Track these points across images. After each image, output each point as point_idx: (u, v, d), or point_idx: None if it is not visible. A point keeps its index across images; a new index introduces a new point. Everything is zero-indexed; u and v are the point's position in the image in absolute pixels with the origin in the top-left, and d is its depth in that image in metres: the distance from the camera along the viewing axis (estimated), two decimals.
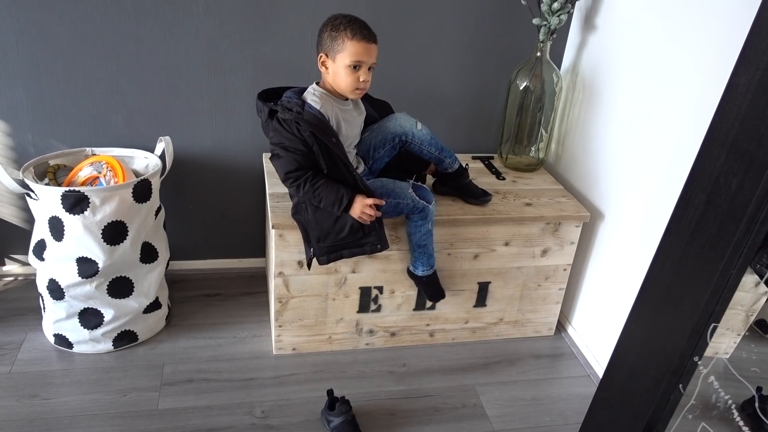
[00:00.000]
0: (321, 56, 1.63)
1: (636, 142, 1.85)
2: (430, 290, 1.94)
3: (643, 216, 1.83)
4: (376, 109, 1.86)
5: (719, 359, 1.34)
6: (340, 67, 1.60)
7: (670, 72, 1.70)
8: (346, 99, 1.71)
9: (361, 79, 1.62)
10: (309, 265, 1.82)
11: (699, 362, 1.26)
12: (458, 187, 1.95)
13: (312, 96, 1.65)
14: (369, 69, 1.63)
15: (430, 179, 2.02)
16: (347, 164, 1.64)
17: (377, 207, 1.67)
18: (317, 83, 1.70)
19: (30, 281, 2.23)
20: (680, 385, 1.29)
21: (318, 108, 1.62)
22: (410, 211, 1.76)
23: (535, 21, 2.02)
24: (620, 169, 1.93)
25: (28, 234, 2.00)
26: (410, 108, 1.92)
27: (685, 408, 1.35)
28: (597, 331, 2.08)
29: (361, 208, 1.66)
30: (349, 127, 1.73)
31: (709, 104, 1.53)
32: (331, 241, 1.71)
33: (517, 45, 2.20)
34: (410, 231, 1.82)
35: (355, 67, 1.60)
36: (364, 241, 1.73)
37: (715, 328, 1.21)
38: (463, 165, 1.94)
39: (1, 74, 1.92)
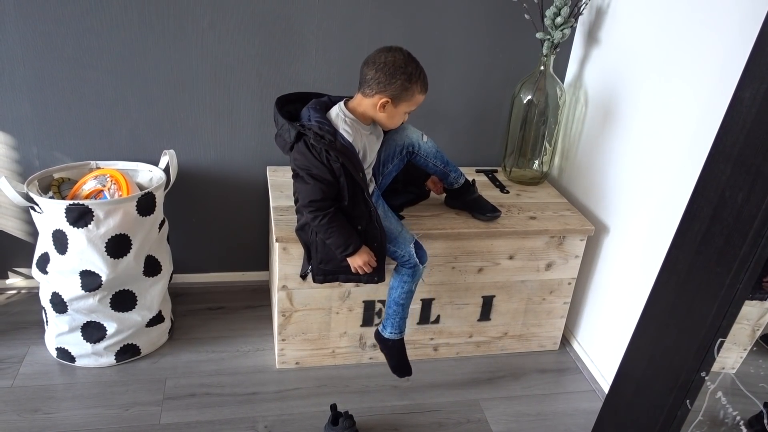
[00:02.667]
0: (383, 100, 1.57)
1: (641, 155, 1.85)
2: (395, 359, 1.85)
3: (648, 229, 1.82)
4: None
5: (726, 374, 1.33)
6: (400, 113, 1.63)
7: (675, 85, 1.70)
8: (368, 123, 1.67)
9: (405, 119, 1.69)
10: (304, 278, 1.84)
11: (706, 377, 1.25)
12: (466, 202, 1.94)
13: (344, 125, 1.60)
14: None
15: (433, 194, 2.02)
16: (367, 200, 1.63)
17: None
18: (345, 104, 1.64)
19: (33, 294, 2.23)
20: (687, 401, 1.28)
21: (350, 141, 1.59)
22: (401, 263, 1.75)
23: (539, 35, 2.03)
24: (625, 182, 1.93)
25: (32, 247, 2.00)
26: (415, 121, 1.93)
27: (693, 424, 1.34)
28: (602, 346, 2.07)
29: (363, 261, 1.67)
30: (371, 152, 1.72)
31: (714, 117, 1.53)
32: (332, 266, 1.71)
33: (520, 59, 2.21)
34: (393, 284, 1.79)
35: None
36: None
37: (722, 342, 1.20)
38: (470, 180, 1.94)
39: (8, 87, 1.93)
